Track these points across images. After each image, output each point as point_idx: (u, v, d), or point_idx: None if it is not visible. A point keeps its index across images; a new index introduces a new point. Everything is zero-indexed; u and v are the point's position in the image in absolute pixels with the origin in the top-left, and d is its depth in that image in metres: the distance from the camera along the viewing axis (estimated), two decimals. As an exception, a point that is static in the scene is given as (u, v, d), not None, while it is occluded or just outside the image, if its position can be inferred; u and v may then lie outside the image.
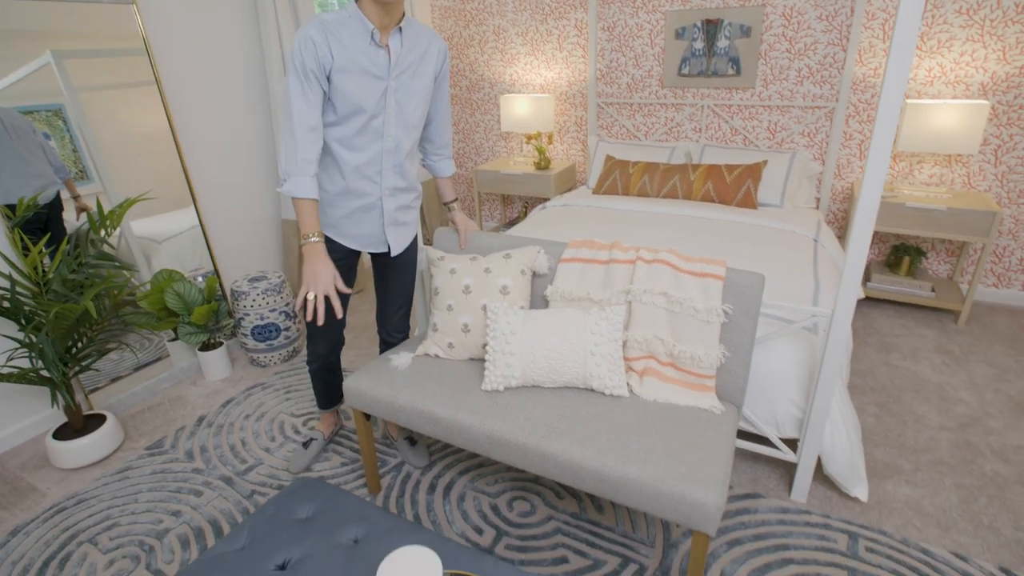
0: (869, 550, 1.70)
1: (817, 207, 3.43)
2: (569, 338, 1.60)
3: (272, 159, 3.20)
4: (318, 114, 1.51)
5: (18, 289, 2.06)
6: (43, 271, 2.01)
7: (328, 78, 1.49)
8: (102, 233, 2.07)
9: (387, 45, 1.54)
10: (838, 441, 1.80)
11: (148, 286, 2.62)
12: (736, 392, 1.64)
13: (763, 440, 2.12)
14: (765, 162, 3.13)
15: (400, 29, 1.54)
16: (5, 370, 2.00)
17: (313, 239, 1.54)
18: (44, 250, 2.07)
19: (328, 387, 2.10)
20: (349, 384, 1.79)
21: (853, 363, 2.69)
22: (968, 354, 2.74)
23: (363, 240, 1.79)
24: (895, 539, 1.74)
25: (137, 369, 2.68)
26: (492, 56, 4.21)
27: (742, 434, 2.20)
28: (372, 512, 1.43)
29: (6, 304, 1.96)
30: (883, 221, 2.96)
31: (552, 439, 1.46)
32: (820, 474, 2.01)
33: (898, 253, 3.21)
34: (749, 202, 3.04)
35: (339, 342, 1.99)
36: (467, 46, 4.28)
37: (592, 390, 1.63)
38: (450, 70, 4.43)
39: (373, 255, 1.92)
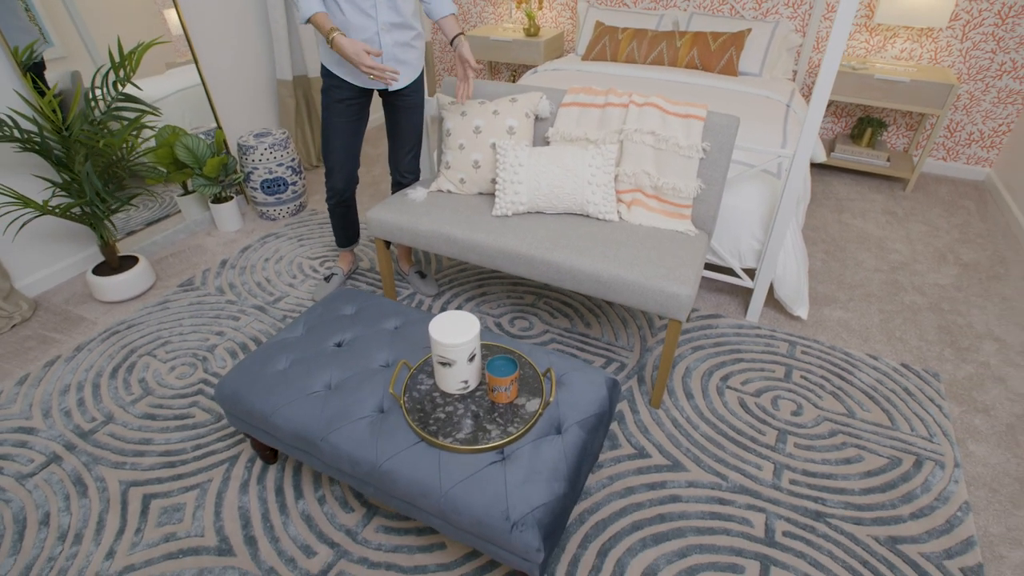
0: (804, 352, 2.11)
1: (794, 79, 3.61)
2: (569, 170, 1.84)
3: (265, 20, 3.18)
4: None
5: (45, 132, 2.16)
6: (61, 114, 2.11)
7: None
8: (121, 75, 2.15)
9: None
10: (788, 269, 2.15)
11: (153, 140, 2.72)
12: (708, 220, 1.94)
13: (727, 272, 2.47)
14: (749, 31, 3.25)
15: None
16: (51, 206, 2.16)
17: (334, 34, 1.74)
18: (54, 98, 2.15)
19: (346, 223, 2.35)
20: (371, 215, 2.03)
21: (809, 219, 3.03)
22: (909, 215, 3.10)
23: (366, 77, 1.95)
24: (825, 346, 2.14)
25: (149, 224, 2.85)
26: (480, -88, 4.04)
27: (709, 267, 2.55)
28: (406, 309, 1.73)
29: (37, 144, 2.08)
30: (851, 92, 3.18)
31: (555, 251, 1.75)
32: (771, 300, 2.39)
33: (862, 125, 3.46)
34: (731, 70, 3.20)
35: (354, 178, 2.19)
36: (454, -101, 4.08)
37: (588, 216, 1.91)
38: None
39: (383, 98, 2.09)
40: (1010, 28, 3.08)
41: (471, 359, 1.34)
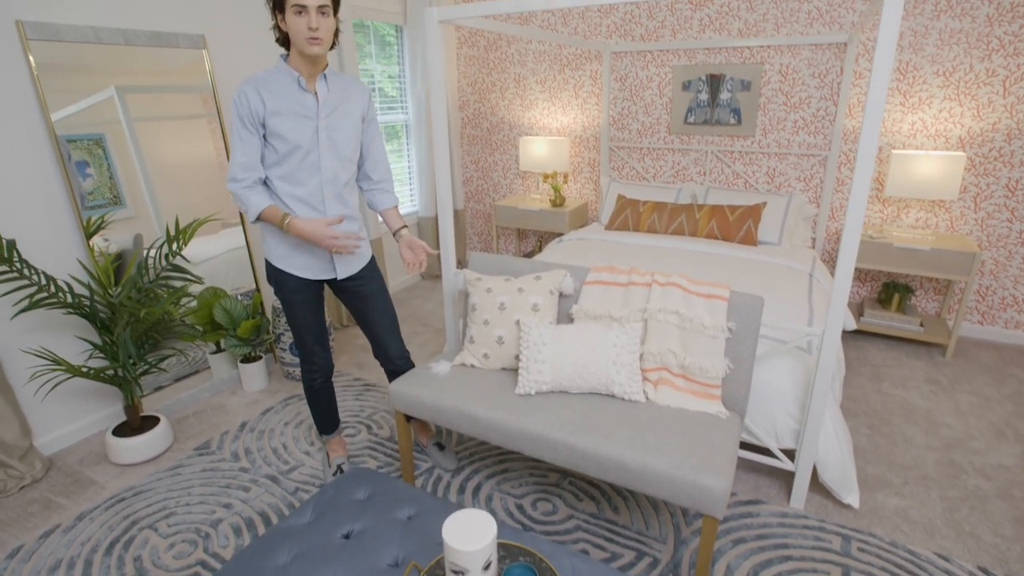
0: (861, 550, 1.88)
1: (813, 246, 3.70)
2: (594, 349, 1.83)
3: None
4: (254, 154, 1.77)
5: (95, 297, 2.30)
6: (114, 278, 2.25)
7: (264, 124, 1.76)
8: (174, 247, 2.32)
9: (314, 91, 1.81)
10: (831, 450, 2.01)
11: (195, 301, 2.86)
12: (739, 400, 1.86)
13: (764, 452, 2.32)
14: (764, 204, 3.41)
15: (325, 76, 1.82)
16: (84, 368, 2.22)
17: (288, 218, 1.76)
18: (111, 264, 2.32)
19: (329, 405, 2.23)
20: (394, 388, 2.01)
21: (846, 390, 2.90)
22: (954, 384, 2.95)
23: (312, 268, 1.94)
24: (884, 541, 1.92)
25: (178, 380, 2.89)
26: (512, 101, 4.56)
27: (745, 446, 2.40)
28: (421, 495, 1.63)
29: (87, 308, 2.19)
30: (872, 259, 3.22)
31: (579, 435, 1.68)
32: (816, 484, 2.20)
33: (888, 290, 3.45)
34: (750, 239, 3.30)
35: (329, 366, 2.14)
36: (489, 91, 4.64)
37: (613, 396, 1.85)
38: (466, 116, 4.77)
39: (340, 295, 2.08)
40: (1021, 199, 3.16)
41: (486, 567, 1.22)
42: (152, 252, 2.62)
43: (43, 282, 2.20)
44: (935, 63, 3.16)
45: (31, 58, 2.20)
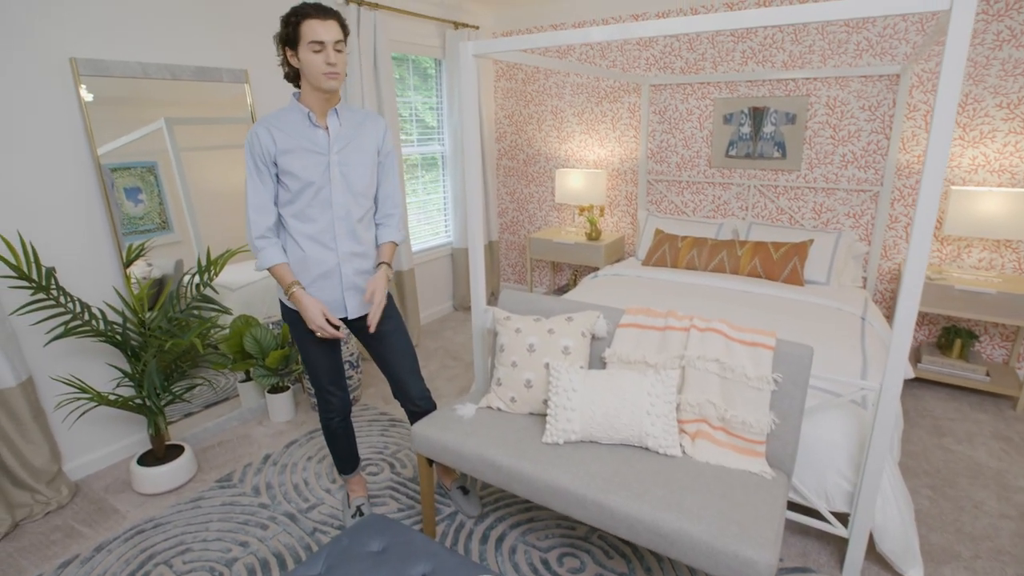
0: (926, 634, 1.68)
1: (864, 286, 3.49)
2: (627, 398, 1.71)
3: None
4: (266, 196, 1.75)
5: (128, 325, 2.32)
6: (147, 305, 2.27)
7: (275, 163, 1.73)
8: (206, 277, 2.33)
9: (325, 126, 1.77)
10: (890, 518, 1.82)
11: (228, 330, 2.86)
12: (786, 459, 1.70)
13: (813, 512, 2.13)
14: (811, 241, 3.25)
15: (336, 111, 1.78)
16: (111, 397, 2.23)
17: (295, 288, 1.74)
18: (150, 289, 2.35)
19: (348, 446, 2.15)
20: (416, 430, 1.93)
21: (905, 445, 2.67)
22: (1027, 442, 2.69)
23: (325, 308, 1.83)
24: (953, 625, 1.71)
25: (207, 407, 2.89)
26: (549, 133, 4.53)
27: (792, 506, 2.21)
28: (439, 550, 1.53)
29: (118, 337, 2.21)
30: (932, 302, 3.00)
31: (610, 492, 1.55)
32: (873, 553, 2.00)
33: (949, 335, 3.21)
34: (795, 279, 3.13)
35: (346, 406, 2.07)
36: (526, 123, 4.63)
37: (647, 448, 1.72)
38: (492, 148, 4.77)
39: (357, 335, 2.02)
40: (1103, 244, 2.91)
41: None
42: (185, 280, 2.65)
43: (78, 310, 2.23)
44: (998, 95, 2.98)
45: (81, 92, 2.27)
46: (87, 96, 2.29)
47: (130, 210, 2.49)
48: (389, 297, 2.03)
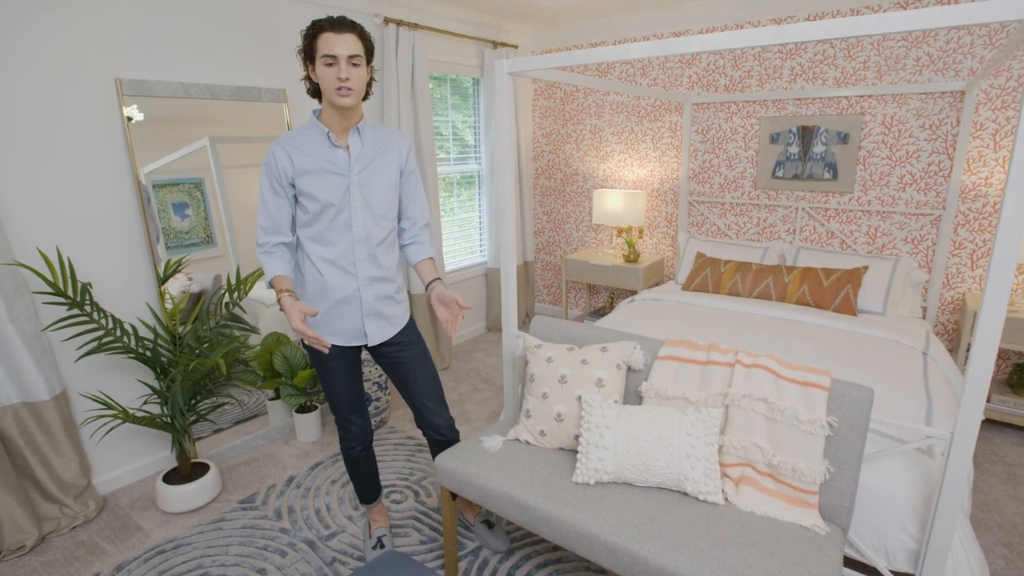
0: None
1: (923, 317, 3.25)
2: (664, 437, 1.58)
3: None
4: (277, 218, 1.69)
5: (159, 342, 2.32)
6: (177, 323, 2.27)
7: (293, 184, 1.67)
8: (235, 296, 2.32)
9: (346, 145, 1.70)
10: (962, 581, 1.62)
11: (259, 347, 2.86)
12: (842, 512, 1.54)
13: (870, 570, 1.93)
14: (866, 268, 3.04)
15: (358, 129, 1.70)
16: (139, 413, 2.23)
17: (283, 294, 1.62)
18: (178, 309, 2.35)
19: (369, 475, 2.09)
20: (439, 462, 1.84)
21: (975, 494, 2.43)
22: (1116, 497, 2.41)
23: (344, 334, 1.80)
24: None
25: (237, 423, 2.88)
26: (587, 152, 4.45)
27: (847, 561, 2.01)
28: (457, 596, 1.43)
29: (148, 353, 2.21)
30: (1003, 337, 2.75)
31: (644, 541, 1.43)
32: (940, 619, 1.78)
33: (1021, 372, 2.94)
34: (848, 308, 2.93)
35: (368, 434, 2.01)
36: (564, 142, 4.56)
37: (685, 494, 1.59)
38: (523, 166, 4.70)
39: (379, 361, 1.94)
40: None
41: None
42: (216, 298, 2.65)
43: (110, 325, 2.24)
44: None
45: (132, 111, 2.32)
46: (138, 115, 2.35)
47: (177, 224, 2.55)
48: (412, 322, 1.96)
